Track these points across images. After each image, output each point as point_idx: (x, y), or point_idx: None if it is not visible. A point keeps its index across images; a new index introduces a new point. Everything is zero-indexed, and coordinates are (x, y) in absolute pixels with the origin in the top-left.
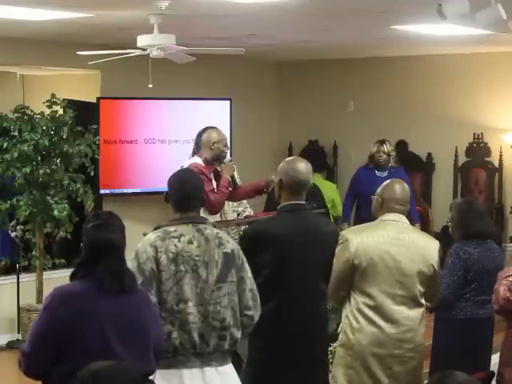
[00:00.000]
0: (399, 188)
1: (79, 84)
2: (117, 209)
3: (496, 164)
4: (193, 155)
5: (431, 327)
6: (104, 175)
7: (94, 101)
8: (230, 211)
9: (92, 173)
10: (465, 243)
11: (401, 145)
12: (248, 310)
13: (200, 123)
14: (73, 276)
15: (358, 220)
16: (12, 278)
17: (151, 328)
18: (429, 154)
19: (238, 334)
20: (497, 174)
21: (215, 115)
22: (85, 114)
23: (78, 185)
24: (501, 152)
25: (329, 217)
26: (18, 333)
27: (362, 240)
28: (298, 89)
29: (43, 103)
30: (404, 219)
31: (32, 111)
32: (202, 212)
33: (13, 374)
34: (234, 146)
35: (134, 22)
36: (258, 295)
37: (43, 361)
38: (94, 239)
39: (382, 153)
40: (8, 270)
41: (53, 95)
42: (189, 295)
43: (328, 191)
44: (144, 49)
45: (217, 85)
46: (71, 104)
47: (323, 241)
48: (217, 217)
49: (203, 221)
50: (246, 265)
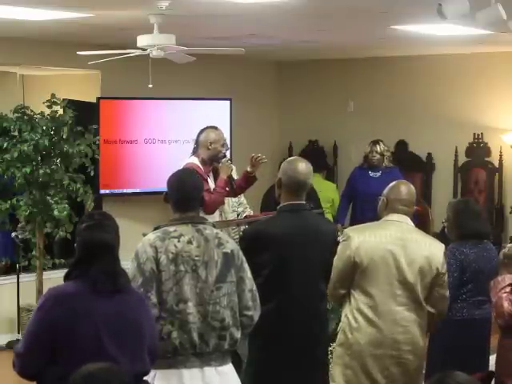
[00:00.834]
0: (405, 189)
1: (79, 84)
2: (117, 209)
3: (496, 164)
4: (192, 155)
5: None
6: (104, 175)
7: (94, 101)
8: (230, 211)
9: (92, 173)
10: (461, 244)
11: (401, 145)
12: (247, 311)
13: (200, 123)
14: (67, 276)
15: (353, 221)
16: (12, 278)
17: (145, 328)
18: (429, 154)
19: (238, 334)
20: (497, 174)
21: (215, 115)
22: (85, 114)
23: (78, 185)
24: (501, 152)
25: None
26: (18, 333)
27: (364, 239)
28: (298, 89)
29: (43, 103)
30: (408, 221)
31: (32, 111)
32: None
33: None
34: (234, 146)
35: (134, 22)
36: (258, 295)
37: (37, 361)
38: (88, 239)
39: (375, 153)
40: (8, 270)
41: (53, 95)
42: (188, 295)
43: (328, 191)
44: (144, 49)
45: (217, 85)
46: (71, 104)
47: (323, 241)
48: (217, 217)
49: (203, 221)
50: (246, 265)
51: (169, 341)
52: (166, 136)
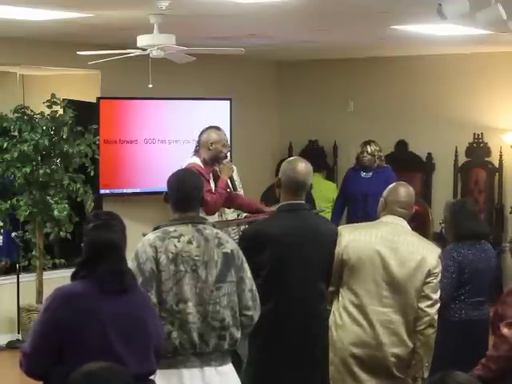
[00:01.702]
0: (404, 191)
1: (79, 84)
2: (117, 209)
3: (496, 164)
4: (194, 154)
5: None
6: (104, 175)
7: (94, 101)
8: (230, 211)
9: (92, 173)
10: (458, 244)
11: (401, 145)
12: (247, 310)
13: (200, 123)
14: (74, 276)
15: (348, 221)
16: (12, 278)
17: (152, 327)
18: (429, 154)
19: (238, 334)
20: (497, 174)
21: (215, 115)
22: (85, 114)
23: (78, 185)
24: (501, 152)
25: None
26: (18, 333)
27: (354, 237)
28: (298, 89)
29: (43, 103)
30: (404, 223)
31: (32, 111)
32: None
33: (13, 374)
34: (234, 146)
35: (134, 22)
36: (258, 295)
37: (44, 361)
38: (95, 239)
39: (366, 153)
40: (8, 270)
41: (53, 95)
42: (188, 295)
43: (328, 191)
44: (144, 49)
45: (217, 85)
46: (71, 104)
47: (322, 241)
48: (216, 217)
49: (202, 221)
50: (246, 265)
51: (169, 341)
52: (166, 136)
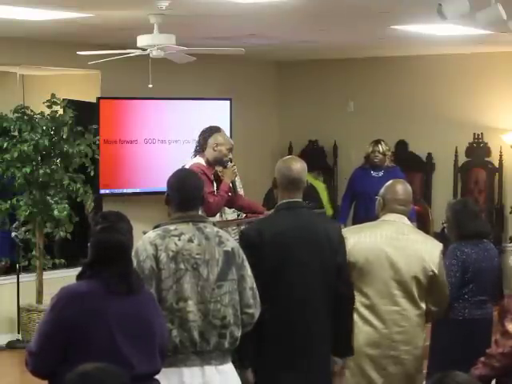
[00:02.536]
0: (401, 188)
1: (79, 84)
2: (117, 209)
3: (496, 164)
4: (194, 154)
5: (428, 328)
6: (104, 175)
7: (94, 101)
8: (230, 211)
9: (92, 173)
10: (462, 243)
11: (401, 145)
12: (249, 308)
13: (200, 123)
14: (80, 276)
15: (355, 220)
16: (12, 278)
17: (157, 326)
18: (429, 154)
19: (238, 333)
20: (497, 174)
21: (215, 115)
22: (85, 114)
23: (78, 185)
24: (501, 152)
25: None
26: (18, 333)
27: (359, 239)
28: (298, 89)
29: (43, 103)
30: (405, 220)
31: (32, 111)
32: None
33: (13, 374)
34: (234, 146)
35: (134, 22)
36: (258, 293)
37: (50, 361)
38: (103, 241)
39: (378, 152)
40: (8, 270)
41: (53, 95)
42: (189, 294)
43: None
44: (144, 49)
45: (217, 85)
46: (71, 104)
47: (322, 238)
48: (217, 217)
49: (203, 219)
50: (246, 263)
51: (169, 339)
52: (166, 136)
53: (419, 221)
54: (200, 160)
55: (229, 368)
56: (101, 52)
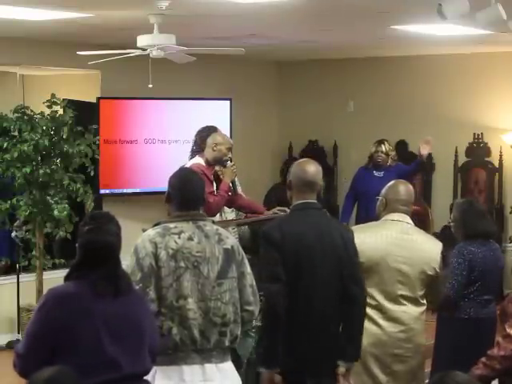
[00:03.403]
0: (403, 189)
1: (79, 84)
2: (117, 209)
3: (496, 164)
4: (191, 154)
5: (433, 327)
6: (104, 175)
7: (94, 101)
8: (230, 211)
9: (92, 173)
10: (469, 243)
11: (401, 145)
12: (249, 306)
13: (200, 123)
14: (67, 277)
15: (358, 220)
16: (12, 278)
17: (146, 327)
18: (429, 154)
19: (238, 331)
20: (497, 174)
21: (215, 115)
22: (85, 114)
23: (78, 185)
24: (501, 152)
25: None
26: (18, 333)
27: (364, 240)
28: (298, 89)
29: (43, 103)
30: (407, 219)
31: (32, 111)
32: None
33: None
34: (234, 146)
35: (134, 22)
36: (257, 291)
37: (38, 362)
38: (90, 243)
39: (381, 152)
40: (8, 270)
41: (53, 95)
42: (189, 291)
43: None
44: (144, 49)
45: (217, 85)
46: (71, 104)
47: (336, 238)
48: (217, 217)
49: (203, 218)
50: (246, 260)
51: (169, 337)
52: (166, 136)
53: (419, 221)
54: (199, 160)
55: (229, 366)
56: (101, 52)
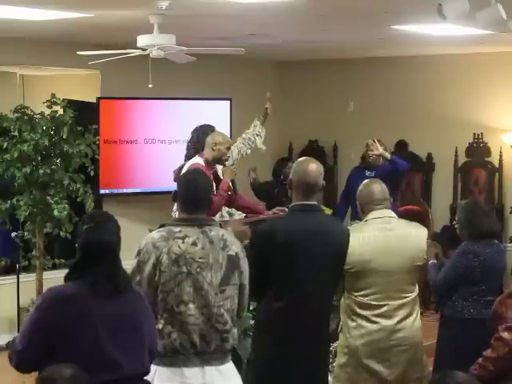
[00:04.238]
0: (375, 188)
1: (79, 84)
2: (117, 209)
3: (496, 164)
4: (187, 151)
5: (434, 327)
6: (104, 175)
7: (94, 101)
8: (225, 210)
9: (92, 173)
10: (473, 243)
11: (401, 145)
12: (242, 312)
13: (200, 123)
14: (67, 277)
15: (352, 219)
16: (12, 278)
17: (145, 327)
18: (429, 154)
19: (236, 334)
20: (497, 174)
21: (215, 115)
22: (85, 114)
23: (78, 185)
24: (501, 152)
25: None
26: (18, 333)
27: (352, 242)
28: (298, 89)
29: (43, 103)
30: (388, 213)
31: (32, 111)
32: None
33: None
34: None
35: (134, 22)
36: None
37: (34, 359)
38: (89, 242)
39: (372, 152)
40: (8, 270)
41: (53, 95)
42: (190, 297)
43: None
44: (144, 49)
45: (217, 85)
46: (71, 104)
47: (334, 240)
48: (218, 217)
49: (209, 222)
50: (247, 271)
51: (169, 341)
52: (166, 136)
53: (419, 221)
54: (199, 160)
55: (229, 368)
56: (101, 52)
